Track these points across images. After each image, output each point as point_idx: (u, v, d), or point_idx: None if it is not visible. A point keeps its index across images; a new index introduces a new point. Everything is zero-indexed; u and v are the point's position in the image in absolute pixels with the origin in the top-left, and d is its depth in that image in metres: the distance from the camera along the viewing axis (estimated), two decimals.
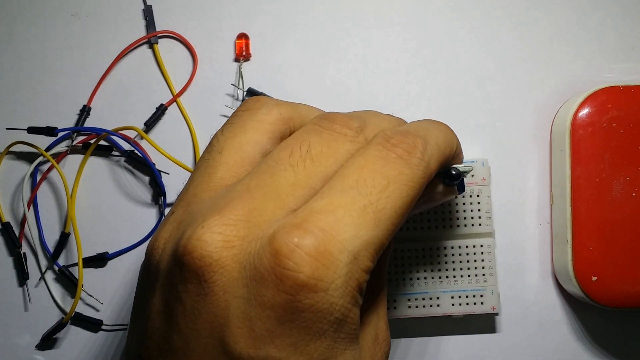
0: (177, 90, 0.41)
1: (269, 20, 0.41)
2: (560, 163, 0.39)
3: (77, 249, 0.40)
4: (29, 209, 0.40)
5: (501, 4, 0.41)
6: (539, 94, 0.41)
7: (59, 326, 0.40)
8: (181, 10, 0.41)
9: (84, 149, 0.41)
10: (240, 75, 0.41)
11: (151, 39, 0.41)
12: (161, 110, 0.41)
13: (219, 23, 0.41)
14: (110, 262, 0.41)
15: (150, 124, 0.41)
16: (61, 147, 0.41)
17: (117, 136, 0.40)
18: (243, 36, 0.41)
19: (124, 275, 0.41)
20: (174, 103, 0.41)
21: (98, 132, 0.40)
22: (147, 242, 0.40)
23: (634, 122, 0.38)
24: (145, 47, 0.41)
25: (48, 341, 0.41)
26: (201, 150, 0.41)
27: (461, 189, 0.35)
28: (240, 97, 0.40)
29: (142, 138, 0.40)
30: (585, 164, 0.38)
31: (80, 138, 0.41)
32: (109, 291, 0.41)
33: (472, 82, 0.41)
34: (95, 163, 0.41)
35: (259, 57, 0.41)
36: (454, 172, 0.35)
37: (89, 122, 0.41)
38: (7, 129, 0.41)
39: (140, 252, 0.41)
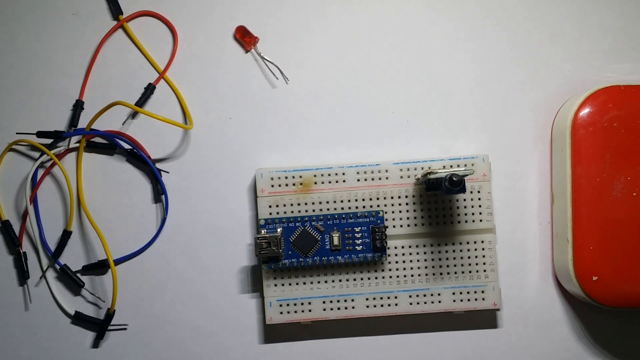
0: (161, 67, 0.41)
1: (270, 21, 0.41)
2: (561, 163, 0.39)
3: (104, 248, 0.40)
4: (29, 208, 0.40)
5: (501, 5, 0.41)
6: (540, 93, 0.41)
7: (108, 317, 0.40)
8: None
9: (88, 147, 0.41)
10: (263, 58, 0.41)
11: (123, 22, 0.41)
12: (150, 89, 0.41)
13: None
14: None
15: (141, 104, 0.41)
16: (59, 145, 0.41)
17: (120, 138, 0.40)
18: (240, 31, 0.41)
19: (125, 276, 0.41)
20: (161, 81, 0.41)
21: (103, 134, 0.40)
22: (148, 249, 0.41)
23: (635, 121, 0.38)
24: (121, 33, 0.41)
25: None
26: (193, 115, 0.41)
27: (462, 190, 0.35)
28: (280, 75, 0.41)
29: (134, 116, 0.41)
30: (586, 163, 0.38)
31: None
32: (109, 291, 0.41)
33: (473, 81, 0.41)
34: (96, 161, 0.41)
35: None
36: (455, 179, 0.35)
37: (84, 116, 0.41)
38: (17, 133, 0.41)
39: (141, 258, 0.41)
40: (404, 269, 0.39)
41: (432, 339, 0.41)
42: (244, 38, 0.41)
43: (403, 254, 0.39)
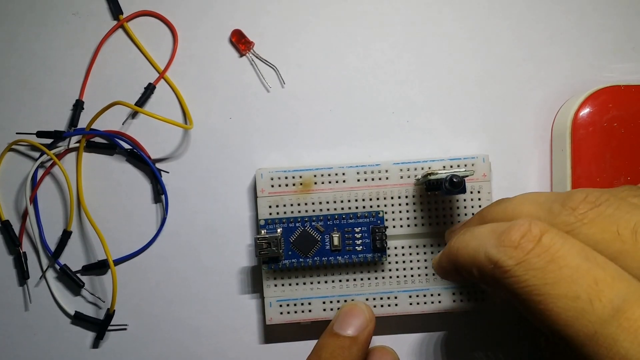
0: (161, 67, 0.41)
1: (270, 21, 0.41)
2: (561, 163, 0.39)
3: (104, 248, 0.40)
4: (29, 208, 0.40)
5: (501, 4, 0.41)
6: (540, 93, 0.41)
7: (108, 317, 0.41)
8: None
9: (88, 147, 0.41)
10: (259, 58, 0.41)
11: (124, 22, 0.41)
12: (150, 89, 0.41)
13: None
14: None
15: (140, 104, 0.41)
16: (59, 145, 0.41)
17: (120, 138, 0.40)
18: (236, 34, 0.41)
19: (125, 276, 0.41)
20: (161, 80, 0.41)
21: (103, 134, 0.40)
22: (148, 249, 0.41)
23: (635, 121, 0.38)
24: (121, 33, 0.41)
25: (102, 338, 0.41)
26: (193, 115, 0.41)
27: (462, 191, 0.35)
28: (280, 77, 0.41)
29: (134, 116, 0.41)
30: (586, 163, 0.38)
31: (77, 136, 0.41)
32: (109, 291, 0.41)
33: (473, 82, 0.41)
34: (96, 161, 0.41)
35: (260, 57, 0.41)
36: (455, 180, 0.35)
37: (84, 116, 0.41)
38: (17, 133, 0.41)
39: (141, 258, 0.41)
40: (404, 269, 0.39)
41: (432, 339, 0.41)
42: (239, 43, 0.41)
43: (403, 254, 0.39)
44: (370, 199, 0.39)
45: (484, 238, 0.27)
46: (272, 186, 0.39)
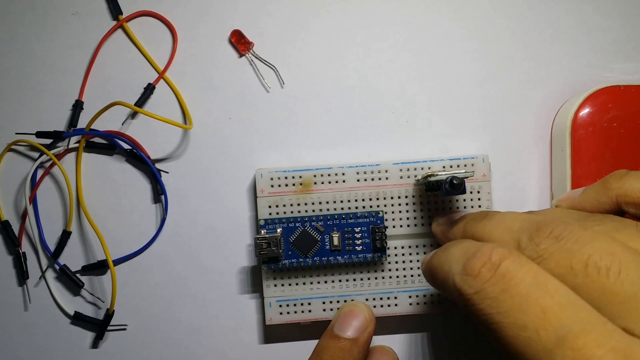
0: (161, 67, 0.41)
1: (270, 21, 0.41)
2: (560, 163, 0.39)
3: (103, 248, 0.40)
4: (29, 208, 0.40)
5: (501, 4, 0.41)
6: (540, 93, 0.41)
7: (107, 317, 0.41)
8: None
9: (87, 147, 0.41)
10: (258, 58, 0.41)
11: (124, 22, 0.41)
12: (149, 89, 0.41)
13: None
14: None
15: (140, 104, 0.41)
16: (59, 145, 0.41)
17: (119, 138, 0.40)
18: (235, 34, 0.41)
19: (124, 276, 0.41)
20: (161, 80, 0.41)
21: (103, 134, 0.40)
22: (147, 249, 0.41)
23: (635, 121, 0.38)
24: (120, 33, 0.41)
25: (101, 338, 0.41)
26: (192, 115, 0.41)
27: (462, 192, 0.35)
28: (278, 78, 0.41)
29: (134, 116, 0.41)
30: (585, 163, 0.38)
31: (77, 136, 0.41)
32: (109, 291, 0.41)
33: (472, 82, 0.41)
34: (95, 162, 0.41)
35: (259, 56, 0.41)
36: (456, 182, 0.35)
37: (84, 116, 0.41)
38: (17, 133, 0.41)
39: (141, 258, 0.41)
40: (404, 269, 0.39)
41: (431, 339, 0.41)
42: (239, 43, 0.41)
43: (403, 254, 0.39)
44: (370, 199, 0.39)
45: (453, 263, 0.28)
46: (272, 186, 0.39)
